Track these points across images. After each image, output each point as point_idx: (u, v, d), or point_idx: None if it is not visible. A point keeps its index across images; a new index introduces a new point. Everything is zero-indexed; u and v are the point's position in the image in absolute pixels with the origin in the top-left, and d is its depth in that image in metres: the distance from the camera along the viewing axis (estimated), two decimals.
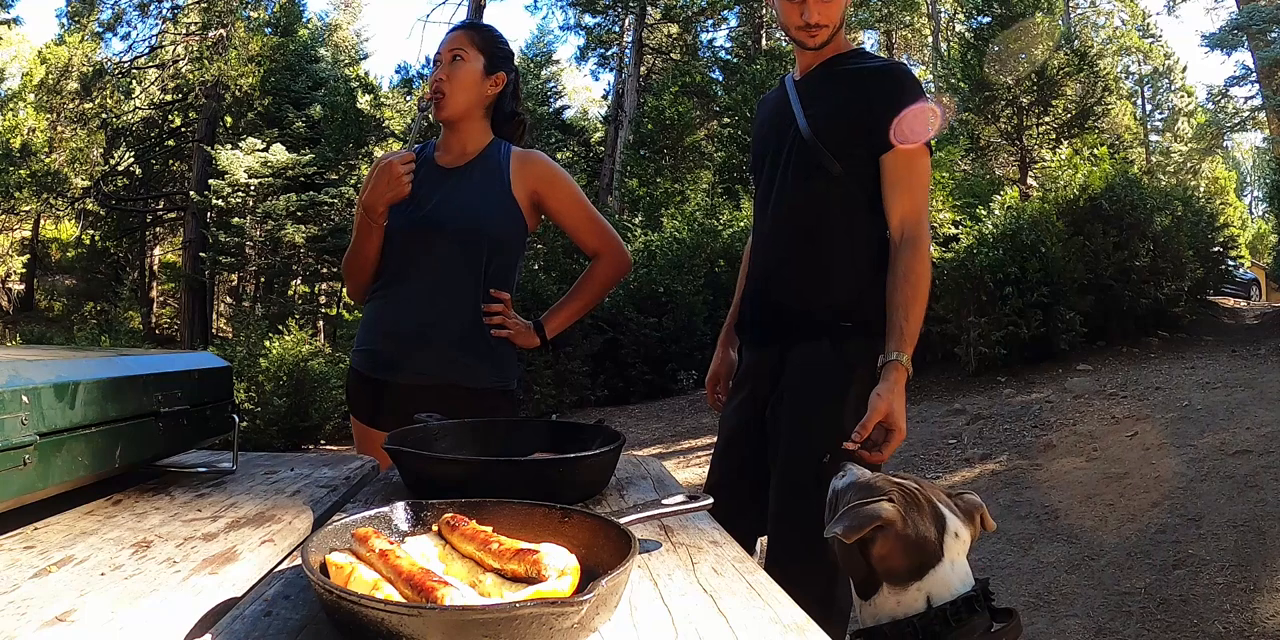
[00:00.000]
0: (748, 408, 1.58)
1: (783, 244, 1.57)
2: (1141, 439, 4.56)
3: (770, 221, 1.59)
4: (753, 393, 1.58)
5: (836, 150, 1.51)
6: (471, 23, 1.78)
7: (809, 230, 1.54)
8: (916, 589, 0.90)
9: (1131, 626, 2.70)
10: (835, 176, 1.51)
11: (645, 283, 10.16)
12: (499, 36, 1.72)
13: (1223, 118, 18.21)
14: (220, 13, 17.89)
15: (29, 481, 0.71)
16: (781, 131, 1.59)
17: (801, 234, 1.54)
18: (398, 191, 1.59)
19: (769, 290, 1.59)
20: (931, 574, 0.90)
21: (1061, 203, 7.45)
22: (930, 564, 0.90)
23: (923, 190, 1.52)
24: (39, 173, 17.55)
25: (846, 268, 1.52)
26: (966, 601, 0.89)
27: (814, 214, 1.53)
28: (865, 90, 1.51)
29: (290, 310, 17.49)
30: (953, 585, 0.90)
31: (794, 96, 1.59)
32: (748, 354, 1.65)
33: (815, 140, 1.52)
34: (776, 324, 1.57)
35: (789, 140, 1.56)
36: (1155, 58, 22.58)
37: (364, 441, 1.69)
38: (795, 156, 1.55)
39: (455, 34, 1.68)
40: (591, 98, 28.31)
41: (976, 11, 13.11)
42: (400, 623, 0.48)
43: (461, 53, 1.64)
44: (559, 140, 21.26)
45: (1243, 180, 27.73)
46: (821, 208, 1.53)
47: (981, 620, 0.89)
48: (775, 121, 1.62)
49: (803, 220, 1.55)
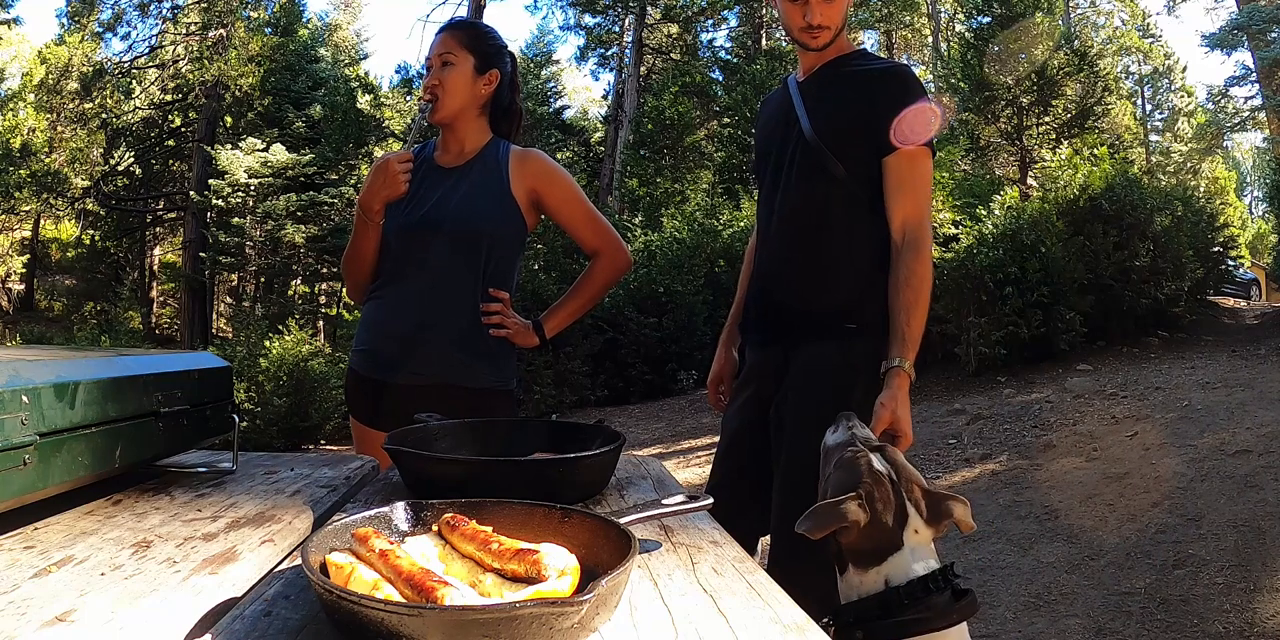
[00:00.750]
0: (751, 408, 1.58)
1: (786, 244, 1.58)
2: (1141, 439, 4.56)
3: (774, 222, 1.60)
4: (756, 393, 1.58)
5: (839, 151, 1.51)
6: (459, 22, 1.76)
7: (812, 230, 1.54)
8: (876, 572, 1.01)
9: (1131, 626, 2.70)
10: (838, 178, 1.51)
11: (645, 283, 10.16)
12: (488, 33, 1.72)
13: (1223, 118, 18.21)
14: (220, 13, 17.89)
15: (29, 481, 0.71)
16: (785, 132, 1.59)
17: (804, 234, 1.55)
18: (394, 190, 1.59)
19: (772, 290, 1.59)
20: (890, 560, 1.00)
21: (1061, 203, 7.45)
22: (889, 552, 1.00)
23: (925, 193, 1.52)
24: (39, 173, 17.55)
25: (849, 268, 1.52)
26: (921, 581, 0.99)
27: (817, 214, 1.54)
28: (869, 92, 1.51)
29: (290, 310, 17.48)
30: (911, 570, 1.00)
31: (797, 98, 1.59)
32: (751, 354, 1.65)
33: (818, 141, 1.52)
34: (780, 324, 1.57)
35: (792, 141, 1.57)
36: (1155, 58, 22.57)
37: (364, 442, 1.69)
38: (799, 157, 1.55)
39: (443, 36, 1.68)
40: (591, 98, 28.35)
41: (976, 11, 13.11)
42: (400, 623, 0.48)
43: (451, 56, 1.64)
44: (559, 140, 21.26)
45: (1243, 180, 27.73)
46: (824, 208, 1.53)
47: (939, 598, 0.98)
48: (778, 122, 1.63)
49: (805, 220, 1.55)
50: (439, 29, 1.72)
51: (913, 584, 0.98)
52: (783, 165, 1.58)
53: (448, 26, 1.71)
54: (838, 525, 0.98)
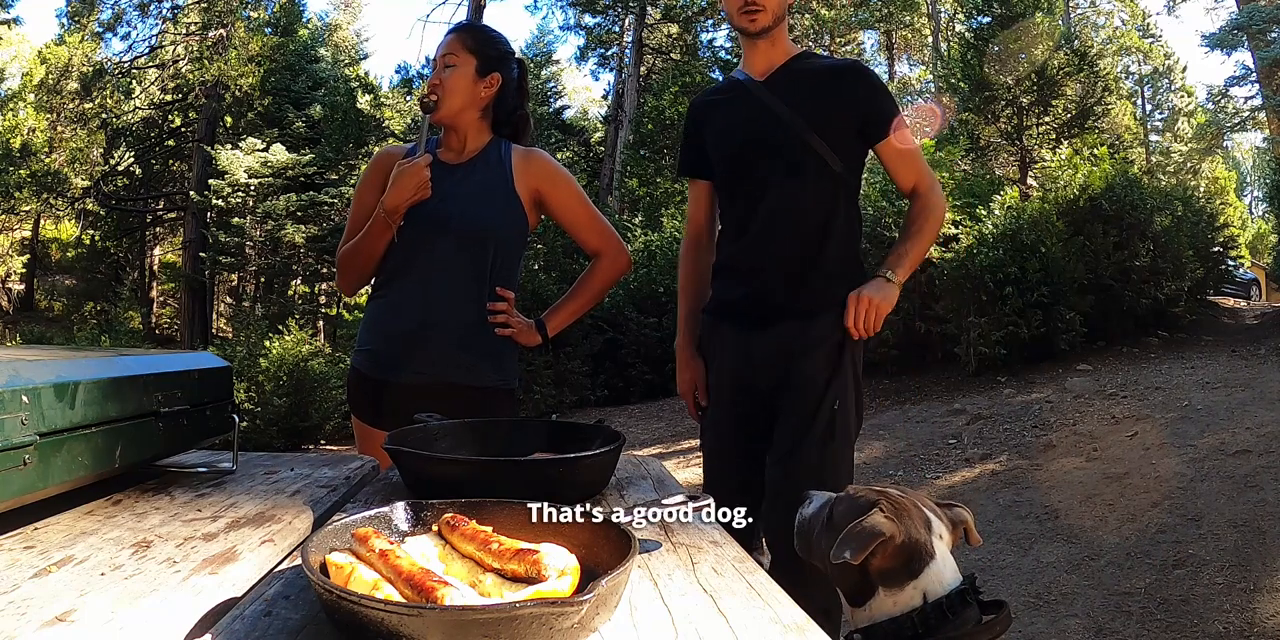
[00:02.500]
0: (735, 402, 1.62)
1: (782, 239, 1.59)
2: (1141, 439, 4.56)
3: (761, 217, 1.60)
4: (738, 386, 1.61)
5: (834, 145, 1.57)
6: (468, 25, 1.78)
7: (809, 226, 1.58)
8: (913, 587, 0.94)
9: (1131, 626, 2.70)
10: (835, 171, 1.57)
11: (645, 283, 10.15)
12: (493, 37, 1.72)
13: (1223, 118, 18.20)
14: (220, 13, 17.88)
15: (29, 481, 0.71)
16: (764, 130, 1.60)
17: (803, 228, 1.58)
18: (424, 194, 1.59)
19: (768, 289, 1.59)
20: (926, 572, 0.94)
21: (1061, 203, 7.45)
22: (924, 563, 0.95)
23: (920, 154, 1.67)
24: (39, 173, 17.55)
25: (849, 261, 1.61)
26: (960, 595, 0.94)
27: (813, 210, 1.58)
28: (845, 85, 1.59)
29: (290, 310, 17.48)
30: (946, 580, 0.95)
31: (767, 96, 1.61)
32: (733, 352, 1.64)
33: (816, 137, 1.56)
34: (772, 322, 1.58)
35: (780, 138, 1.58)
36: (1155, 58, 22.56)
37: (366, 441, 1.69)
38: (789, 154, 1.58)
39: (449, 38, 1.68)
40: (591, 98, 28.29)
41: (976, 11, 13.10)
42: (400, 623, 0.48)
43: (454, 57, 1.65)
44: (559, 140, 21.24)
45: (1243, 180, 27.72)
46: (821, 203, 1.58)
47: (973, 612, 0.94)
48: (747, 120, 1.63)
49: (801, 216, 1.58)
50: (447, 30, 1.73)
51: (952, 596, 0.93)
52: (773, 163, 1.59)
53: (455, 29, 1.72)
54: (876, 542, 0.91)
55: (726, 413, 1.64)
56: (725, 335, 1.65)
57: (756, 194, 1.61)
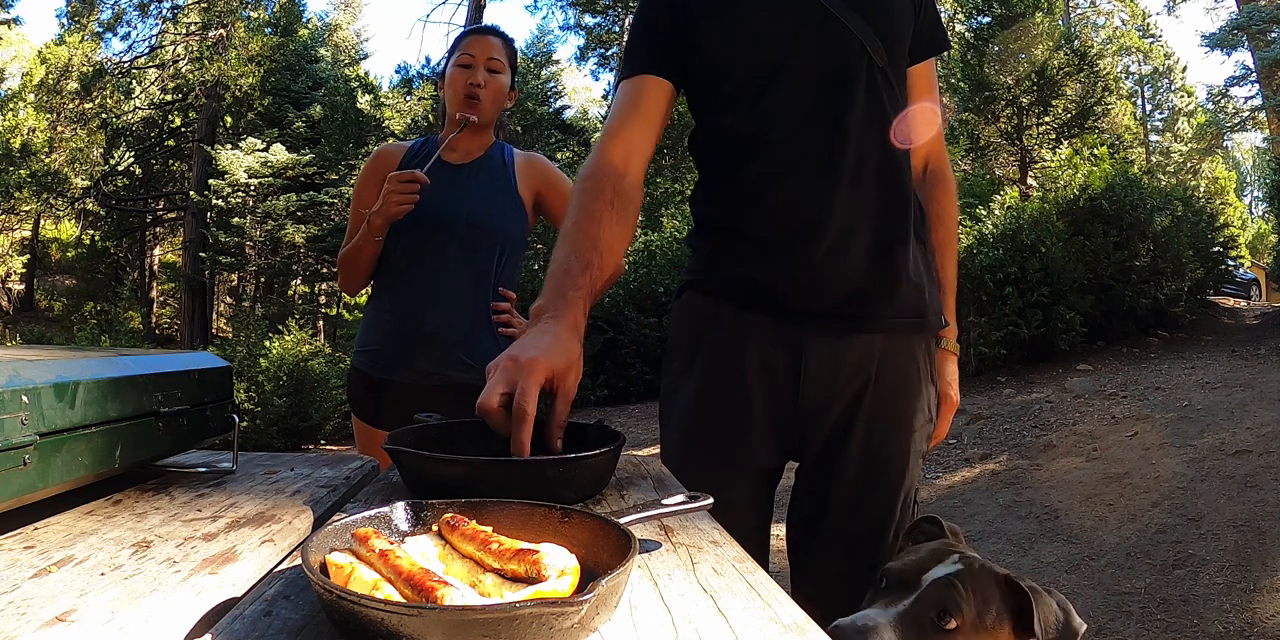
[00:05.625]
0: (729, 399, 1.17)
1: (863, 206, 1.08)
2: (1141, 439, 4.56)
3: (834, 172, 1.06)
4: (732, 379, 1.16)
5: (897, 68, 1.13)
6: (504, 33, 1.78)
7: (894, 188, 1.10)
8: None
9: (1131, 626, 2.70)
10: (899, 105, 1.12)
11: (645, 283, 10.16)
12: (517, 52, 1.78)
13: (1223, 118, 18.22)
14: (220, 13, 17.89)
15: (29, 481, 0.71)
16: (832, 44, 1.07)
17: (885, 193, 1.10)
18: (407, 208, 1.57)
19: (836, 271, 1.08)
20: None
21: (1061, 203, 7.45)
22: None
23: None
24: (39, 173, 17.56)
25: (918, 238, 1.14)
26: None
27: (897, 166, 1.10)
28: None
29: (290, 310, 17.50)
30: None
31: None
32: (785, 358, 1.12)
33: (886, 58, 1.10)
34: (856, 309, 1.10)
35: (855, 58, 1.08)
36: (1155, 58, 22.58)
37: (366, 441, 1.69)
38: (868, 78, 1.08)
39: (493, 41, 1.69)
40: (591, 98, 28.31)
41: (976, 11, 13.12)
42: (400, 623, 0.48)
43: (498, 63, 1.68)
44: (559, 140, 21.24)
45: (1243, 180, 27.75)
46: (901, 156, 1.11)
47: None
48: (807, 25, 1.08)
49: (887, 174, 1.09)
50: (480, 29, 1.72)
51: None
52: (850, 93, 1.07)
53: (495, 32, 1.73)
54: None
55: (691, 399, 1.18)
56: (761, 333, 1.12)
57: (835, 122, 1.08)
